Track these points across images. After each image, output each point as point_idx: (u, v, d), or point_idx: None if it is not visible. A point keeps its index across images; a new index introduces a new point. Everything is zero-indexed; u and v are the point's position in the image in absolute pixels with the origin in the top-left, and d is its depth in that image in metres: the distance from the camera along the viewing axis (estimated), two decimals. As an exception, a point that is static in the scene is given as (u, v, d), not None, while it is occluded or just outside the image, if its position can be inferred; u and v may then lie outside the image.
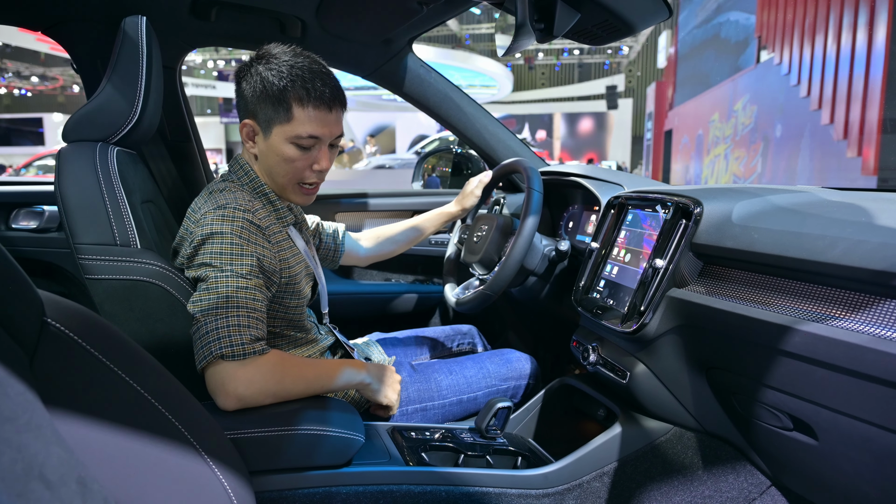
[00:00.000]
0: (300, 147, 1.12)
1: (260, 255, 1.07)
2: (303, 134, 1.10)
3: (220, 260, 1.02)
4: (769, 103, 8.81)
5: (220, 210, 1.06)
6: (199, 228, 1.04)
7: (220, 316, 0.98)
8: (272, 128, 1.11)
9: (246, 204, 1.09)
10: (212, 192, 1.13)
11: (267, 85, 1.08)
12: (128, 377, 0.68)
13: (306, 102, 1.09)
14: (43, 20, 1.40)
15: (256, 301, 1.02)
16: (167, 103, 1.56)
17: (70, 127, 1.15)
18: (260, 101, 1.10)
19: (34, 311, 0.61)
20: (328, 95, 1.10)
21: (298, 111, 1.09)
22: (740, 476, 1.17)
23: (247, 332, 0.98)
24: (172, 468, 0.70)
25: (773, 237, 0.91)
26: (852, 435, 0.83)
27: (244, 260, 1.03)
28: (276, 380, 0.99)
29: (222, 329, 0.97)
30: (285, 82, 1.08)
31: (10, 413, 0.52)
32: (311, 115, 1.10)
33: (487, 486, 1.08)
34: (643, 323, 1.09)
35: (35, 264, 1.82)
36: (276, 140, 1.12)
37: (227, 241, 1.03)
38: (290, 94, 1.08)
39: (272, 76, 1.08)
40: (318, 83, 1.09)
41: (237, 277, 1.01)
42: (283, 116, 1.10)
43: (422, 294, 2.01)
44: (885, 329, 0.74)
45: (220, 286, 1.00)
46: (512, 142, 1.92)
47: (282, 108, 1.09)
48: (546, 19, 1.10)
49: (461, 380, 1.42)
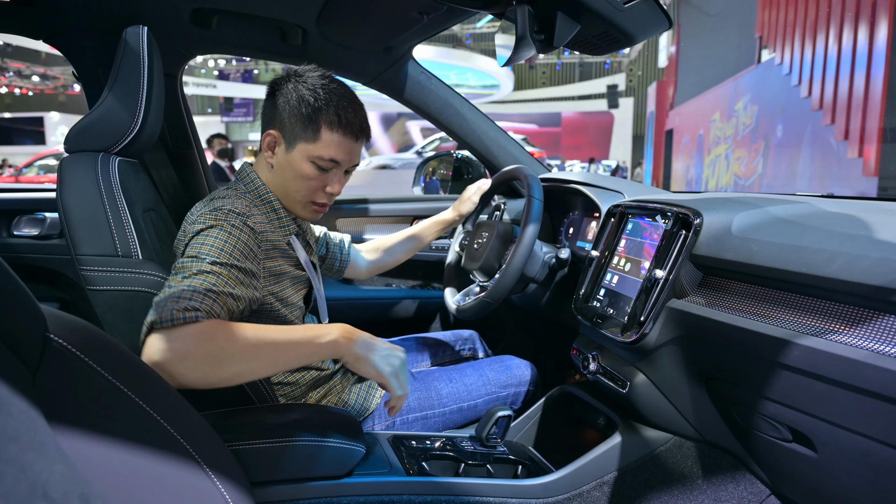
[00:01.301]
0: (318, 168, 1.14)
1: (243, 255, 1.03)
2: (325, 156, 1.13)
3: (198, 249, 0.98)
4: (770, 103, 8.81)
5: (214, 211, 1.06)
6: (192, 226, 1.04)
7: (168, 294, 0.90)
8: (296, 143, 1.13)
9: (242, 208, 1.09)
10: (211, 199, 1.14)
11: (302, 102, 1.11)
12: (130, 392, 0.68)
13: (336, 127, 1.12)
14: (44, 29, 1.40)
15: (215, 285, 0.94)
16: (168, 110, 1.57)
17: (72, 137, 1.16)
18: (291, 115, 1.12)
19: (37, 326, 0.62)
20: (357, 126, 1.14)
21: (326, 133, 1.12)
22: (740, 485, 1.17)
23: (185, 303, 0.87)
24: (174, 482, 0.71)
25: (773, 250, 0.91)
26: (851, 448, 0.84)
27: (222, 250, 0.99)
28: (202, 344, 0.86)
29: (162, 303, 0.88)
30: (321, 103, 1.10)
31: (13, 432, 0.52)
32: (337, 141, 1.13)
33: (488, 495, 1.08)
34: (643, 333, 1.09)
35: (37, 271, 1.82)
36: (297, 156, 1.14)
37: (214, 235, 1.01)
38: (322, 115, 1.11)
39: (308, 94, 1.11)
40: (351, 112, 1.13)
41: (203, 262, 0.96)
42: (311, 136, 1.12)
43: (422, 299, 2.02)
44: (883, 345, 0.74)
45: (185, 270, 0.95)
46: (513, 147, 1.92)
47: (311, 128, 1.11)
48: (546, 30, 1.10)
49: (461, 387, 1.42)
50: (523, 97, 27.63)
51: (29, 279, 1.82)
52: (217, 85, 25.72)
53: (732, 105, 10.42)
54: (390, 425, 1.33)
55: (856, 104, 6.23)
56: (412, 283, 2.13)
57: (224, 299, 0.94)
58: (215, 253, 0.99)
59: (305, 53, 1.63)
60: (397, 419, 1.33)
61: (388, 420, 1.33)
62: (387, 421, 1.33)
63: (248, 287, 1.02)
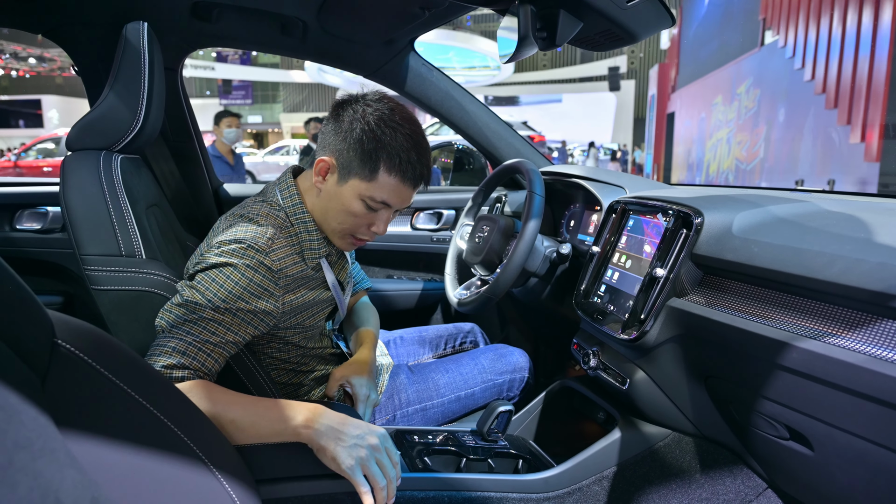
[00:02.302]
0: (368, 207, 1.08)
1: (254, 295, 1.01)
2: (377, 198, 1.07)
3: (206, 286, 0.98)
4: (773, 87, 8.74)
5: (234, 244, 1.02)
6: (209, 256, 1.01)
7: (164, 336, 0.95)
8: (350, 178, 1.06)
9: (265, 243, 1.03)
10: (241, 217, 1.08)
11: (366, 135, 1.04)
12: (138, 395, 0.69)
13: (395, 172, 1.05)
14: (43, 23, 1.39)
15: (215, 335, 0.97)
16: (168, 105, 1.56)
17: (74, 136, 1.15)
18: (351, 147, 1.05)
19: (44, 332, 0.62)
20: (417, 173, 1.07)
21: (384, 176, 1.05)
22: (737, 479, 1.19)
23: (173, 357, 0.92)
24: (182, 483, 0.72)
25: (773, 252, 0.92)
26: (847, 448, 0.85)
27: (230, 295, 0.98)
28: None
29: (156, 348, 0.93)
30: (385, 142, 1.03)
31: (24, 441, 0.53)
32: (393, 185, 1.06)
33: (489, 490, 1.10)
34: (643, 331, 1.10)
35: (40, 265, 1.83)
36: (349, 191, 1.07)
37: (226, 275, 0.99)
38: (383, 155, 1.04)
39: (374, 128, 1.04)
40: (414, 155, 1.06)
41: (208, 307, 0.97)
42: (367, 174, 1.05)
43: (424, 291, 2.03)
44: (881, 349, 0.75)
45: (183, 308, 0.97)
46: (514, 139, 1.91)
47: (368, 166, 1.05)
48: (549, 28, 1.10)
49: (458, 377, 1.44)
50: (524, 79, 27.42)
51: (32, 273, 1.83)
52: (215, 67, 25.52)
53: (735, 88, 10.34)
54: (391, 419, 1.34)
55: (859, 88, 6.19)
56: (414, 276, 2.14)
57: (221, 350, 0.98)
58: (223, 295, 0.98)
59: (306, 46, 1.62)
60: (398, 412, 1.35)
61: (389, 413, 1.35)
62: (387, 415, 1.34)
63: (254, 326, 1.03)
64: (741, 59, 10.12)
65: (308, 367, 1.26)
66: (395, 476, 0.91)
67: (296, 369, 1.24)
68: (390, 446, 0.92)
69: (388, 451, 0.92)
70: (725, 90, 10.87)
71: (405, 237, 2.08)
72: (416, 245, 2.08)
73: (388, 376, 1.40)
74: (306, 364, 1.25)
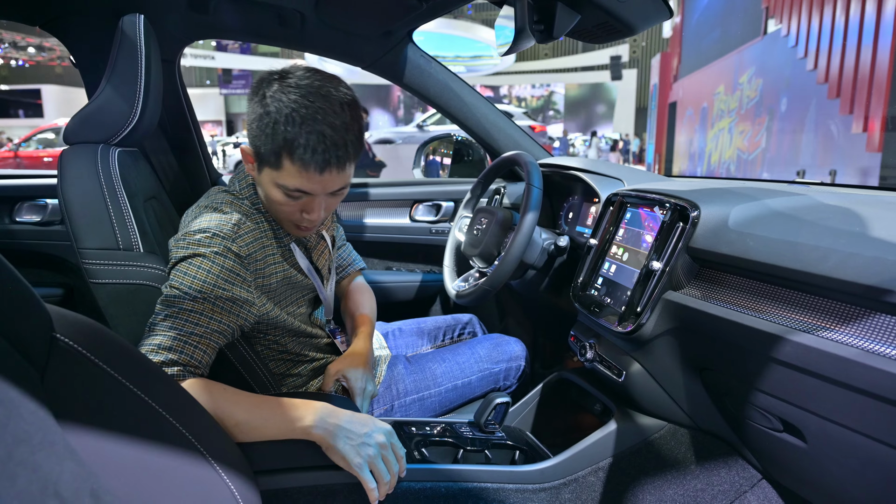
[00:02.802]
0: (287, 195, 1.01)
1: (228, 282, 1.00)
2: (290, 186, 0.99)
3: (180, 280, 0.98)
4: (775, 76, 8.69)
5: (199, 234, 1.01)
6: (177, 250, 1.01)
7: (153, 333, 0.94)
8: (263, 167, 1.00)
9: (231, 229, 1.02)
10: (206, 207, 1.07)
11: (265, 118, 0.96)
12: (136, 388, 0.70)
13: (296, 160, 0.95)
14: (39, 15, 1.39)
15: (198, 325, 0.96)
16: (167, 97, 1.56)
17: (71, 129, 1.16)
18: (256, 131, 0.98)
19: (43, 327, 0.63)
20: (325, 158, 0.95)
21: (287, 164, 0.96)
22: (732, 470, 1.20)
23: (160, 354, 0.92)
24: (181, 474, 0.73)
25: (768, 245, 0.92)
26: (839, 441, 0.86)
27: (205, 284, 0.98)
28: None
29: (143, 346, 0.93)
30: (286, 126, 0.94)
31: (24, 434, 0.54)
32: (297, 172, 0.97)
33: (485, 481, 1.11)
34: (639, 324, 1.10)
35: (40, 257, 1.83)
36: (266, 179, 1.02)
37: (196, 265, 0.99)
38: (283, 141, 0.94)
39: (274, 111, 0.94)
40: (314, 138, 0.94)
41: (186, 299, 0.96)
42: (274, 161, 0.97)
43: (423, 283, 2.03)
44: (873, 343, 0.76)
45: (162, 304, 0.97)
46: (512, 131, 1.91)
47: (273, 154, 0.96)
48: (546, 21, 1.09)
49: (454, 367, 1.45)
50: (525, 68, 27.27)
51: (32, 265, 1.84)
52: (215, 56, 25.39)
53: (737, 77, 10.28)
54: (389, 409, 1.35)
55: (862, 78, 6.16)
56: (413, 267, 2.15)
57: (207, 341, 0.97)
58: (197, 286, 0.97)
59: (303, 38, 1.61)
60: (395, 402, 1.36)
61: (387, 404, 1.36)
62: (385, 405, 1.35)
63: (235, 315, 1.02)
64: (744, 48, 10.06)
65: (306, 358, 1.26)
66: (398, 471, 0.93)
67: (293, 360, 1.24)
68: (396, 442, 0.94)
69: (394, 448, 0.93)
70: (728, 80, 10.81)
71: (404, 229, 2.09)
72: (415, 237, 2.08)
73: (385, 367, 1.41)
74: (304, 354, 1.26)
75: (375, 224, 2.08)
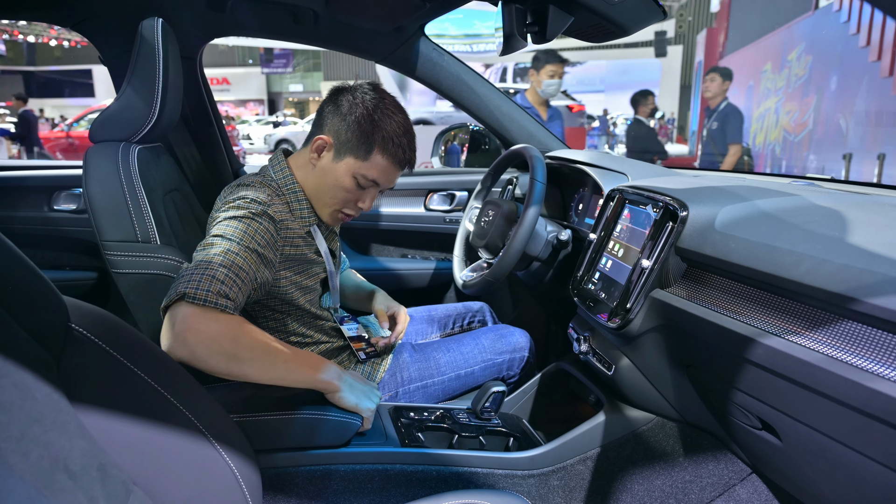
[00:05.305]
0: (359, 184, 1.22)
1: (264, 237, 1.11)
2: (369, 176, 1.21)
3: (223, 230, 1.08)
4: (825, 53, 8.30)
5: (240, 199, 1.15)
6: (220, 215, 1.14)
7: (201, 268, 1.00)
8: (345, 156, 1.21)
9: (266, 197, 1.16)
10: (238, 185, 1.21)
11: (365, 118, 1.18)
12: (144, 374, 0.78)
13: (387, 154, 1.20)
14: (69, 17, 1.48)
15: (242, 269, 1.03)
16: (188, 91, 1.64)
17: (95, 128, 1.24)
18: (350, 128, 1.19)
19: (60, 317, 0.71)
20: (406, 157, 1.23)
21: (377, 157, 1.20)
22: (721, 463, 1.22)
23: (218, 285, 0.98)
24: (184, 453, 0.81)
25: (748, 248, 0.93)
26: (809, 442, 0.88)
27: (245, 234, 1.08)
28: (229, 338, 0.96)
29: (195, 275, 0.98)
30: (382, 125, 1.18)
31: (37, 415, 0.62)
32: (384, 166, 1.21)
33: (476, 466, 1.17)
34: (627, 320, 1.13)
35: (76, 243, 1.96)
36: (343, 168, 1.21)
37: (237, 219, 1.10)
38: (378, 137, 1.18)
39: (371, 107, 1.18)
40: (405, 141, 1.21)
41: (231, 242, 1.05)
42: (363, 153, 1.19)
43: (437, 270, 2.09)
44: (836, 350, 0.77)
45: (213, 247, 1.05)
46: (526, 122, 1.93)
47: (364, 146, 1.19)
48: (540, 22, 1.11)
49: (458, 356, 1.50)
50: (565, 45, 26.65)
51: (69, 251, 1.96)
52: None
53: (785, 55, 9.84)
54: (393, 395, 1.42)
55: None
56: (428, 255, 2.20)
57: (247, 285, 1.05)
58: (239, 235, 1.08)
59: (318, 34, 1.67)
60: (399, 389, 1.43)
61: (392, 391, 1.42)
62: (390, 391, 1.42)
63: (265, 273, 1.13)
64: (793, 24, 9.62)
65: (312, 339, 1.35)
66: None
67: (298, 342, 1.32)
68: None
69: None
70: (776, 57, 10.36)
71: (419, 217, 2.14)
72: (430, 226, 2.13)
73: (391, 355, 1.48)
74: (309, 336, 1.34)
75: (391, 213, 2.14)
